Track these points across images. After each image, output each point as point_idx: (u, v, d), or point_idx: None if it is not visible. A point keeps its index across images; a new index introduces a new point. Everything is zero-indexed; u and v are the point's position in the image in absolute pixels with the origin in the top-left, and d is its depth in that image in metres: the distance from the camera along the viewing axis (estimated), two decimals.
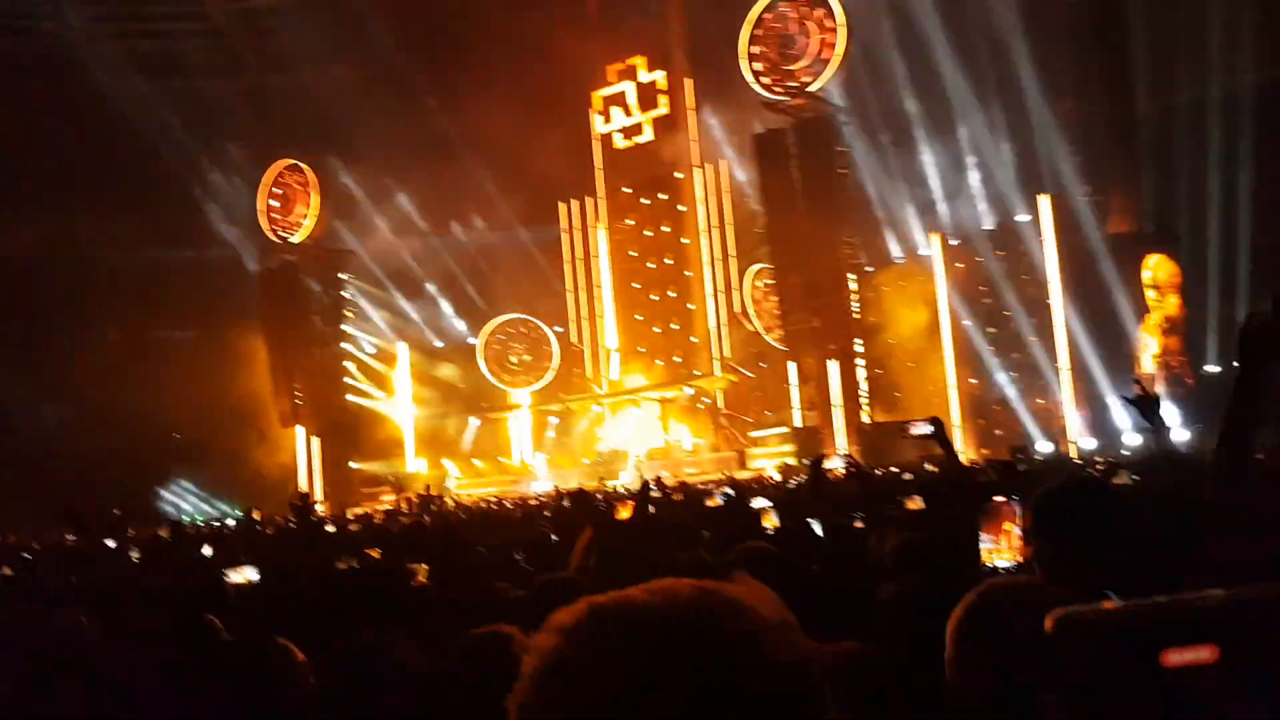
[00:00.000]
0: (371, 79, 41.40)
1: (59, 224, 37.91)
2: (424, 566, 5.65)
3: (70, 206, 37.82)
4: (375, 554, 7.13)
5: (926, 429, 6.02)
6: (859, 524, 6.28)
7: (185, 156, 40.35)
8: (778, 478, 20.12)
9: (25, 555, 10.53)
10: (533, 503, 18.23)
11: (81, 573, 6.31)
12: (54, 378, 34.91)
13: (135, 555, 8.18)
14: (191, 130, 40.53)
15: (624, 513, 6.85)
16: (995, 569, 2.96)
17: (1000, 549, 2.92)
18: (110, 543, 7.92)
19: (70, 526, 7.46)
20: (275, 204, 39.54)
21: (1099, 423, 26.58)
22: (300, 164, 39.57)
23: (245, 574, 5.60)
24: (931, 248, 32.88)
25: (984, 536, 2.95)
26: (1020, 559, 2.89)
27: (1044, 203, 29.92)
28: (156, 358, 36.12)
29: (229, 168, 42.10)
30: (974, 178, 33.06)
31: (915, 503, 7.36)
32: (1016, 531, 2.91)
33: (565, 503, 16.65)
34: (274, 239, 39.39)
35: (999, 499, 3.04)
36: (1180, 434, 18.34)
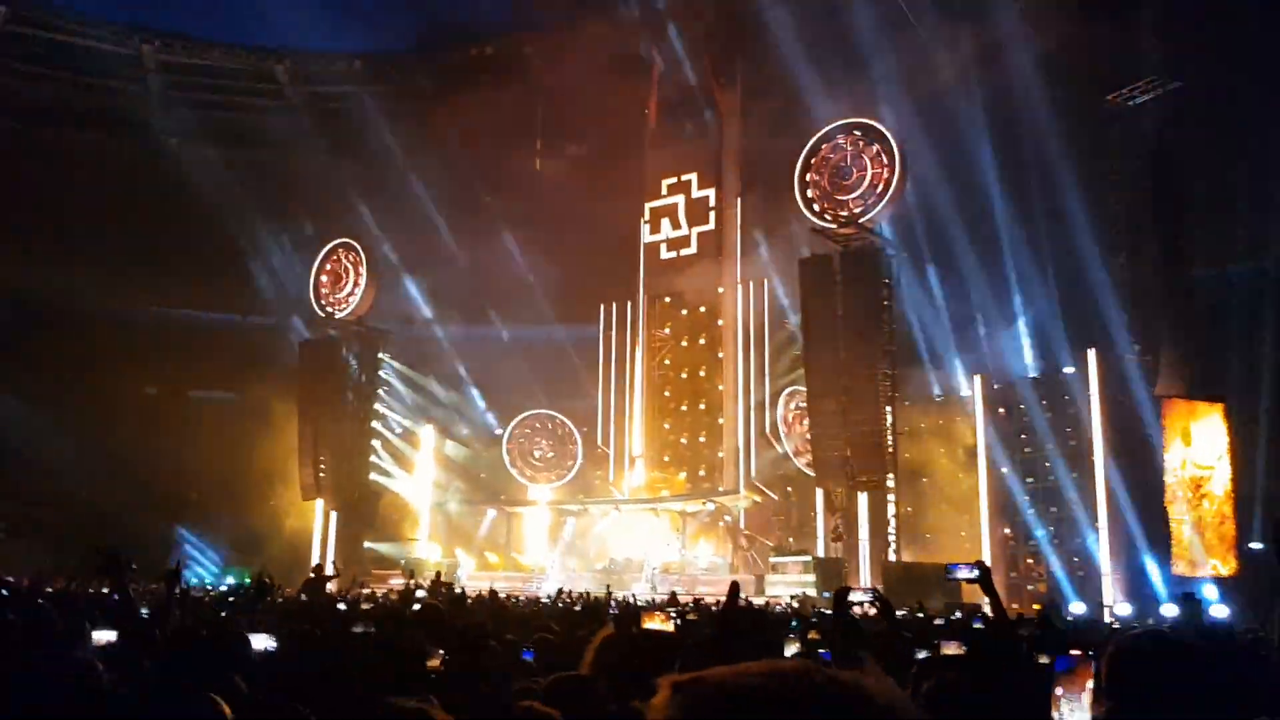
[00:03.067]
0: (430, 168, 42.42)
1: (110, 276, 38.61)
2: (440, 652, 5.39)
3: (125, 261, 38.56)
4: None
5: (971, 574, 5.70)
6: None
7: (243, 224, 41.24)
8: (795, 606, 19.55)
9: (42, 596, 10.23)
10: (544, 601, 17.78)
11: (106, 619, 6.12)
12: (87, 425, 35.17)
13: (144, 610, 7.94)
14: (252, 199, 41.51)
15: (652, 622, 6.51)
16: None
17: (1082, 707, 2.63)
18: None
19: (107, 572, 7.27)
20: (326, 280, 40.12)
21: (1134, 587, 25.73)
22: (354, 243, 40.24)
23: (261, 640, 5.34)
24: (973, 389, 32.55)
25: (1064, 693, 2.67)
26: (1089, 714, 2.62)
27: (1091, 356, 29.62)
28: (189, 416, 36.31)
29: (283, 239, 42.94)
30: (1020, 323, 32.91)
31: (952, 647, 7.00)
32: (1091, 689, 2.63)
33: (576, 607, 16.23)
34: (320, 313, 39.83)
35: (1075, 652, 2.78)
36: (1219, 610, 17.63)
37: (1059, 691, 2.81)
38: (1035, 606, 19.75)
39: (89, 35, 43.89)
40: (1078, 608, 21.90)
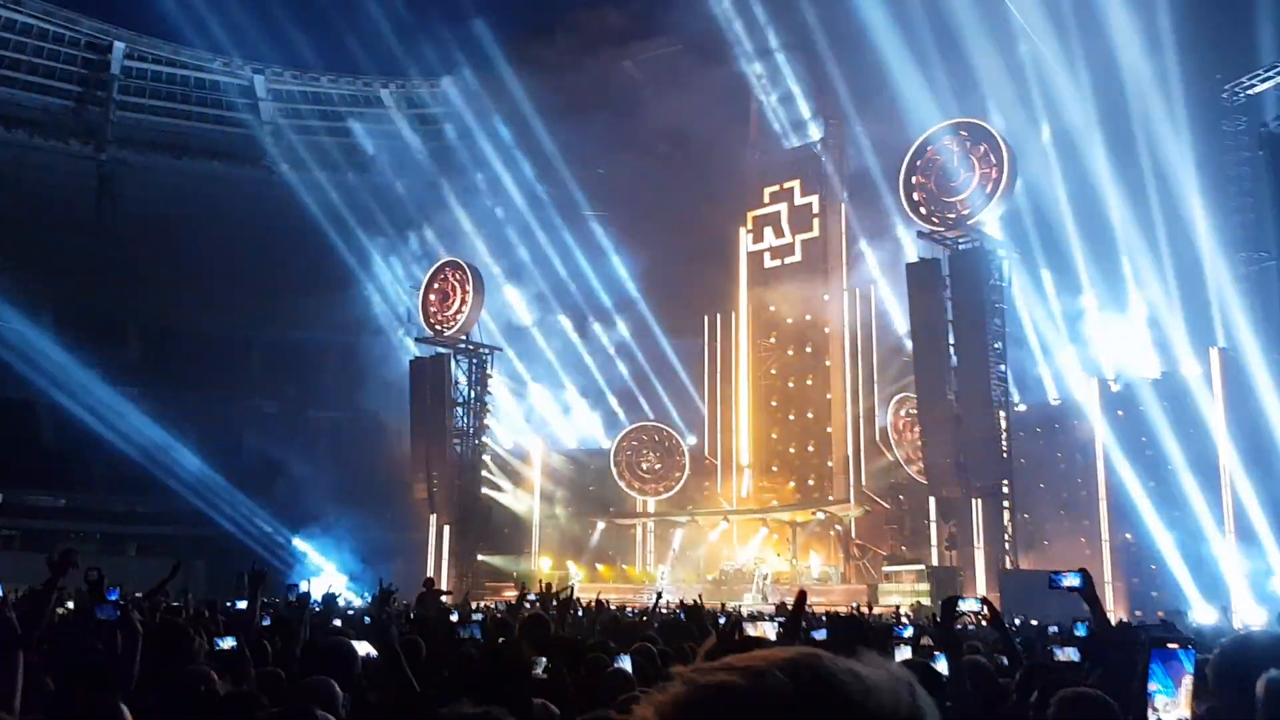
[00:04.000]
0: (533, 184, 43.28)
1: (230, 301, 40.29)
2: (543, 659, 5.51)
3: (244, 286, 40.18)
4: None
5: (1074, 581, 5.57)
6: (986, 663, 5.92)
7: (353, 246, 42.60)
8: (910, 615, 19.23)
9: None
10: (662, 612, 17.81)
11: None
12: (210, 445, 36.76)
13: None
14: (361, 222, 42.89)
15: (755, 630, 6.55)
16: None
17: (1176, 703, 2.57)
18: (241, 604, 8.04)
19: (250, 586, 7.69)
20: (434, 299, 41.06)
21: (1264, 594, 24.57)
22: (461, 262, 41.12)
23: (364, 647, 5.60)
24: (1090, 391, 31.57)
25: (1159, 688, 2.61)
26: (1189, 713, 2.56)
27: (1214, 355, 28.49)
28: (306, 433, 37.56)
29: (392, 260, 44.20)
30: (1139, 322, 31.80)
31: (1068, 655, 6.86)
32: (1185, 685, 2.58)
33: (679, 614, 16.26)
34: (429, 332, 40.79)
35: (1173, 645, 2.71)
36: None
37: (1155, 688, 2.76)
38: (1159, 614, 19.04)
39: (204, 67, 45.88)
40: (1207, 615, 21.01)
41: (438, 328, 40.72)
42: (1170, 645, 2.70)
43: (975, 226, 31.54)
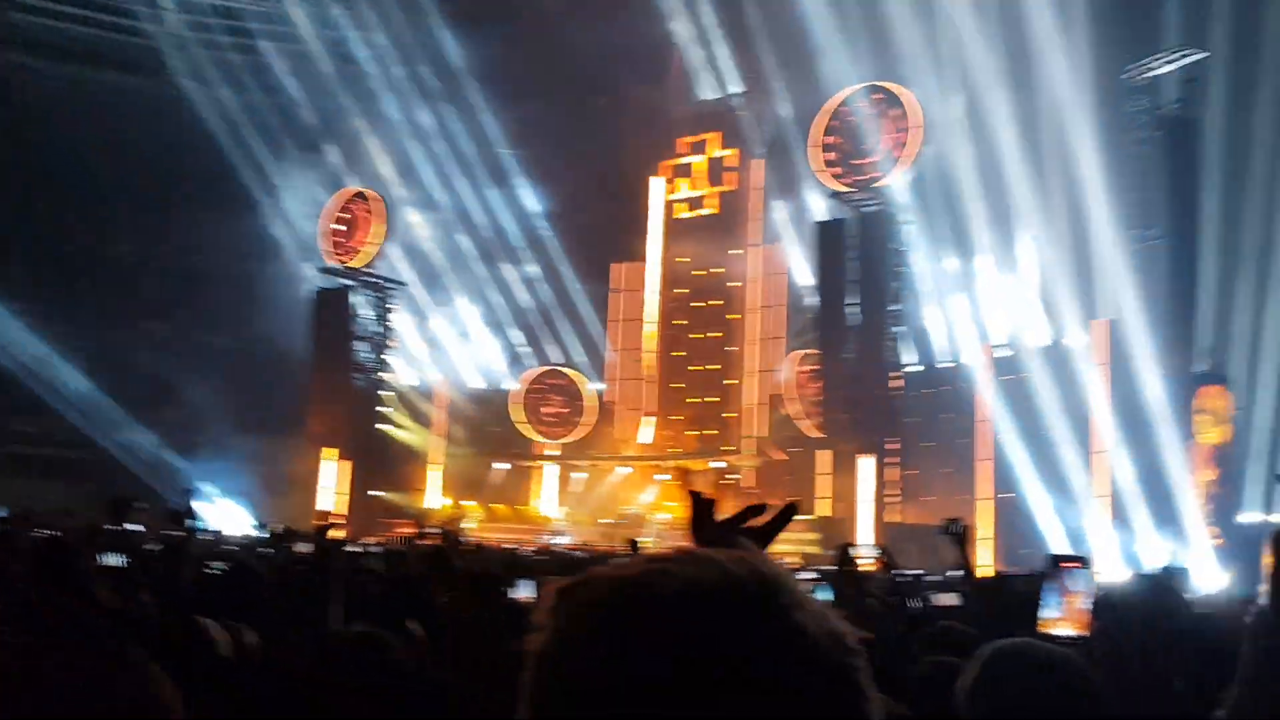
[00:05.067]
0: (448, 115, 42.54)
1: (126, 219, 38.86)
2: (448, 592, 5.66)
3: (140, 204, 38.71)
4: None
5: (957, 529, 5.93)
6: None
7: (257, 170, 41.33)
8: (799, 564, 19.84)
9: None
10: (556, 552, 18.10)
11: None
12: (103, 369, 35.67)
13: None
14: (268, 146, 41.59)
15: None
16: (1053, 637, 2.87)
17: (1062, 618, 2.81)
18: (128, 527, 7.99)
19: (115, 513, 7.58)
20: (339, 228, 40.18)
21: (1129, 555, 26.01)
22: (368, 192, 40.28)
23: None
24: (980, 356, 32.70)
25: (1047, 601, 2.84)
26: (1080, 631, 2.80)
27: (1099, 327, 29.72)
28: (200, 358, 36.61)
29: (297, 187, 42.99)
30: (1032, 292, 32.94)
31: (949, 599, 7.30)
32: (1080, 603, 2.81)
33: (581, 554, 16.62)
34: (332, 262, 39.95)
35: (1070, 564, 2.91)
36: (1219, 577, 17.87)
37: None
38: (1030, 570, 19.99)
39: None
40: None
41: (341, 258, 39.93)
42: (1066, 564, 2.92)
43: (883, 190, 32.18)
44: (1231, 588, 17.83)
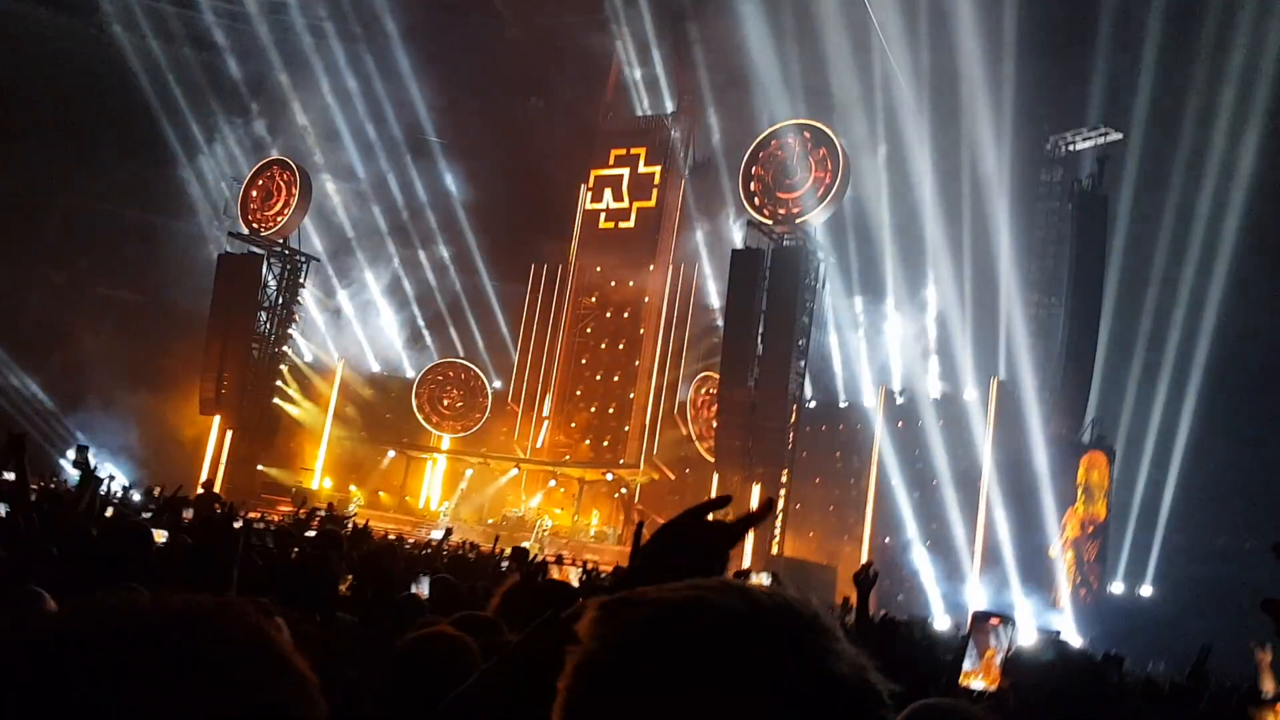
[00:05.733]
0: (382, 100, 42.00)
1: (31, 159, 37.24)
2: (349, 576, 5.64)
3: (48, 145, 37.13)
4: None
5: (867, 574, 6.06)
6: None
7: (179, 127, 40.19)
8: None
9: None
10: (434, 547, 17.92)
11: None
12: None
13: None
14: (193, 103, 40.47)
15: (560, 576, 6.86)
16: (969, 691, 2.99)
17: (979, 672, 2.92)
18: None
19: (10, 455, 7.31)
20: (256, 195, 39.20)
21: (1000, 609, 26.85)
22: (291, 163, 39.42)
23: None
24: (876, 400, 33.49)
25: (969, 653, 2.95)
26: (991, 685, 2.90)
27: (993, 385, 30.76)
28: (95, 312, 35.34)
29: (217, 149, 41.92)
30: (932, 344, 33.93)
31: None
32: (996, 659, 2.92)
33: (471, 555, 16.55)
34: (245, 228, 38.96)
35: (994, 620, 3.02)
36: (1074, 640, 18.57)
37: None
38: (904, 617, 20.49)
39: None
40: (943, 624, 22.81)
41: (255, 226, 38.96)
42: (992, 620, 3.03)
43: (802, 226, 32.74)
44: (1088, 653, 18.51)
